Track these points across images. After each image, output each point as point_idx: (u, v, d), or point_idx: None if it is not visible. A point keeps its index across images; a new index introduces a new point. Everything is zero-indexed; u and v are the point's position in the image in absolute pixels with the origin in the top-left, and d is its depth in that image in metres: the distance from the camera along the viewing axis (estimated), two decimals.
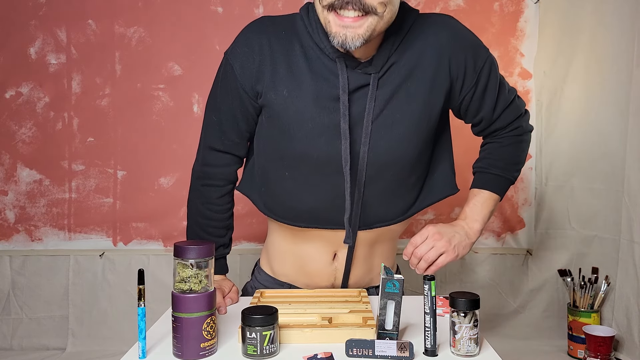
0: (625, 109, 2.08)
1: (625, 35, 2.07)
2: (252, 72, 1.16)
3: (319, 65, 1.14)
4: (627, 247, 2.08)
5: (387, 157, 1.17)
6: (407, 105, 1.15)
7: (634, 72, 2.04)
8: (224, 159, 1.27)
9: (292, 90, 1.14)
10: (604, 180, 2.17)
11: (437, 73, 1.16)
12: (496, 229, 2.25)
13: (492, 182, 1.27)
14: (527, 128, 1.31)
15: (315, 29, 1.14)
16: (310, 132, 1.14)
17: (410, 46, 1.15)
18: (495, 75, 1.24)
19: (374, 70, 1.13)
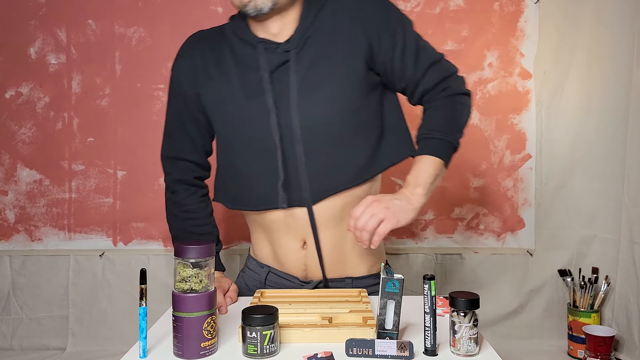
0: (625, 109, 2.08)
1: (626, 35, 2.07)
2: (190, 76, 1.31)
3: (244, 57, 1.26)
4: (627, 247, 2.08)
5: (319, 123, 1.22)
6: (328, 70, 1.22)
7: (634, 72, 2.04)
8: (180, 166, 1.37)
9: (223, 84, 1.26)
10: (604, 180, 2.17)
11: (352, 37, 1.22)
12: (496, 229, 2.25)
13: (431, 146, 1.24)
14: (458, 89, 1.29)
15: (238, 26, 1.29)
16: (245, 117, 1.24)
17: (323, 19, 1.24)
18: (411, 34, 1.27)
19: (292, 47, 1.22)
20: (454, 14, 2.19)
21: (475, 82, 2.21)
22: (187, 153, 1.36)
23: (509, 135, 2.23)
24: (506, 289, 2.24)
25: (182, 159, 1.36)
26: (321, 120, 1.22)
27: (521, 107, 2.22)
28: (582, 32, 2.17)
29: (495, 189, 2.24)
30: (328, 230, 1.29)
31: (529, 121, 2.23)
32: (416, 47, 1.26)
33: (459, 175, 2.24)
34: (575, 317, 2.14)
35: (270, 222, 1.32)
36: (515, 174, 2.24)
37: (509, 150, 2.23)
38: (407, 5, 2.18)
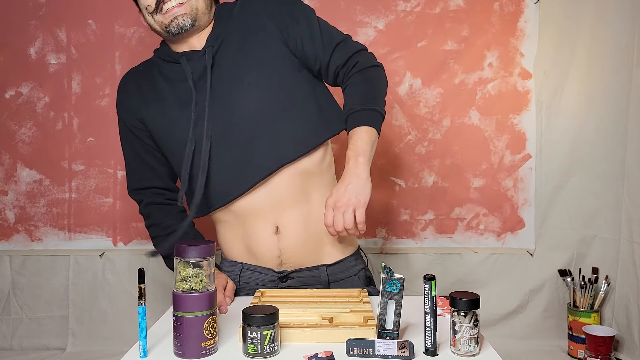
0: (625, 109, 2.08)
1: (626, 35, 2.08)
2: (131, 108, 1.40)
3: (172, 73, 1.36)
4: (627, 247, 2.08)
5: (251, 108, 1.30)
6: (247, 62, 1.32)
7: (634, 72, 2.04)
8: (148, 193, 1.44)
9: (159, 103, 1.36)
10: (604, 180, 2.17)
11: (264, 28, 1.34)
12: (496, 229, 2.26)
13: (358, 118, 1.29)
14: (368, 62, 1.36)
15: (162, 51, 1.40)
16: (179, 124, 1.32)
17: (235, 21, 1.36)
18: (314, 20, 1.37)
19: (208, 50, 1.33)
20: (454, 14, 2.19)
21: (475, 82, 2.21)
22: (150, 182, 1.43)
23: (509, 135, 2.23)
24: (506, 289, 2.24)
25: (147, 187, 1.44)
26: (252, 104, 1.30)
27: (521, 107, 2.22)
28: (582, 32, 2.17)
29: (495, 189, 2.24)
30: (296, 210, 1.34)
31: (529, 121, 2.23)
32: (321, 30, 1.36)
33: (459, 175, 2.24)
34: (575, 317, 2.14)
35: (240, 213, 1.36)
36: (515, 174, 2.24)
37: (509, 150, 2.23)
38: (407, 6, 2.18)
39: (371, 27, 2.18)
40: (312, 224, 1.36)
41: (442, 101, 2.21)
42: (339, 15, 2.16)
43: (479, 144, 2.23)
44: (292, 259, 1.38)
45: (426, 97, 2.21)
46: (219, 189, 1.34)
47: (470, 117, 2.22)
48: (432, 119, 2.21)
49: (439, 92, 2.21)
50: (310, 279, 1.40)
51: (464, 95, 2.21)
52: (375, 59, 1.39)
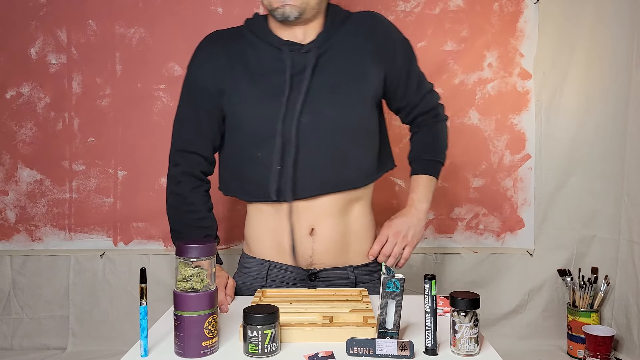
0: (625, 109, 2.09)
1: (625, 36, 2.08)
2: (212, 73, 1.35)
3: (268, 58, 1.33)
4: (627, 247, 2.09)
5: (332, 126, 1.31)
6: (344, 78, 1.32)
7: (634, 73, 2.04)
8: (191, 159, 1.40)
9: (249, 83, 1.32)
10: (603, 180, 2.18)
11: (369, 55, 1.35)
12: (496, 229, 2.26)
13: (427, 166, 1.46)
14: (443, 117, 1.51)
15: (261, 29, 1.35)
16: (264, 114, 1.31)
17: (347, 33, 1.35)
18: (416, 64, 1.44)
19: (314, 49, 1.32)
20: (453, 14, 2.19)
21: (475, 82, 2.21)
22: (198, 147, 1.40)
23: (509, 135, 2.23)
24: (506, 288, 2.25)
25: (192, 152, 1.40)
26: (334, 123, 1.31)
27: (521, 108, 2.23)
28: (582, 33, 2.17)
29: (495, 189, 2.24)
30: (334, 218, 1.37)
31: (528, 121, 2.23)
32: (419, 75, 1.45)
33: (459, 175, 2.24)
34: (574, 317, 2.14)
35: (280, 212, 1.36)
36: (514, 174, 2.24)
37: (508, 150, 2.24)
38: (407, 6, 2.19)
39: None
40: (347, 231, 1.39)
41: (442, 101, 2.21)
42: None
43: (478, 144, 2.23)
44: (323, 259, 1.38)
45: None
46: (270, 185, 1.33)
47: (470, 117, 2.22)
48: None
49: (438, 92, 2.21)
50: (337, 279, 1.41)
51: (464, 96, 2.21)
52: (444, 110, 1.53)
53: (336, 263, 1.41)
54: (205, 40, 1.41)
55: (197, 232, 1.40)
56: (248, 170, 1.36)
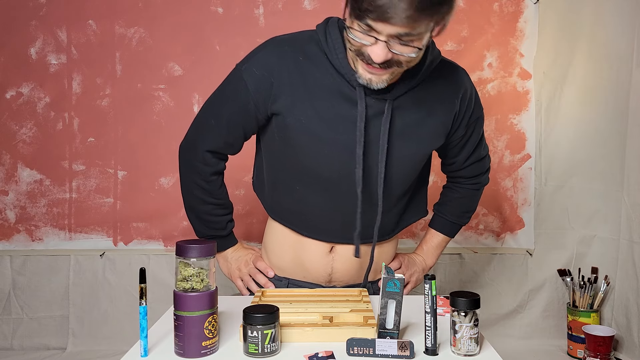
0: (625, 109, 2.09)
1: (625, 36, 2.08)
2: (268, 93, 1.20)
3: (337, 90, 1.18)
4: (627, 247, 2.09)
5: (396, 180, 1.27)
6: (416, 136, 1.25)
7: (634, 72, 2.04)
8: (221, 161, 1.35)
9: (311, 113, 1.19)
10: (603, 180, 2.18)
11: (445, 114, 1.27)
12: (496, 229, 2.26)
13: (447, 227, 1.50)
14: (484, 183, 1.49)
15: (335, 55, 1.17)
16: (325, 153, 1.21)
17: (427, 85, 1.23)
18: (478, 132, 1.38)
19: (390, 98, 1.19)
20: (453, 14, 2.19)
21: (474, 82, 2.20)
22: (230, 150, 1.35)
23: (509, 135, 2.23)
24: (506, 288, 2.25)
25: (221, 153, 1.34)
26: (401, 178, 1.29)
27: (521, 108, 2.23)
28: (582, 33, 2.17)
29: (495, 189, 2.24)
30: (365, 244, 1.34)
31: (528, 121, 2.23)
32: (477, 143, 1.39)
33: None
34: (574, 317, 2.14)
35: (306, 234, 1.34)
36: (514, 174, 2.24)
37: (508, 150, 2.24)
38: None
39: None
40: (367, 251, 1.35)
41: None
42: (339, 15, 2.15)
43: None
44: (342, 277, 1.38)
45: None
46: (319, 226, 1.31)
47: None
48: None
49: None
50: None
51: None
52: (488, 177, 1.50)
53: (355, 280, 1.39)
54: (271, 51, 1.22)
55: (217, 219, 1.39)
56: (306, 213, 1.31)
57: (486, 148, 1.45)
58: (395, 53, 1.03)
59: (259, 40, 2.22)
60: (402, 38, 1.01)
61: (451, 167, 1.43)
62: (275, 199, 1.35)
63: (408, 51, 1.03)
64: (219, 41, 2.18)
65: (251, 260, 1.41)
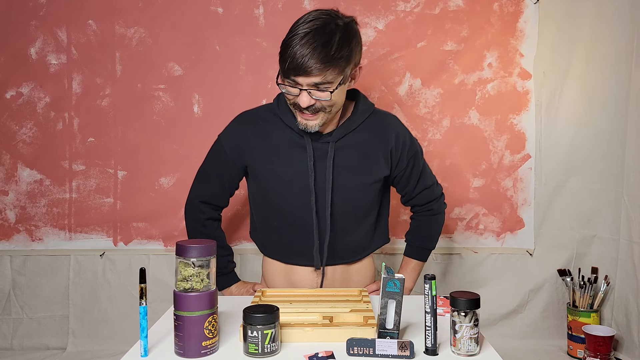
0: (625, 109, 2.09)
1: (625, 36, 2.08)
2: (240, 151, 1.56)
3: (289, 140, 1.52)
4: (627, 247, 2.09)
5: (344, 205, 1.54)
6: (358, 169, 1.53)
7: (633, 73, 2.05)
8: (213, 209, 1.68)
9: (273, 160, 1.53)
10: (603, 180, 2.18)
11: (382, 150, 1.56)
12: (496, 229, 2.26)
13: (416, 252, 1.73)
14: (438, 210, 1.73)
15: (285, 115, 1.52)
16: (288, 190, 1.53)
17: (363, 129, 1.55)
18: (419, 165, 1.65)
19: (332, 140, 1.51)
20: (453, 14, 2.19)
21: (474, 82, 2.21)
22: (219, 200, 1.68)
23: (509, 135, 2.23)
24: (506, 288, 2.25)
25: (212, 204, 1.67)
26: (351, 204, 1.55)
27: (521, 108, 2.23)
28: (582, 33, 2.17)
29: (495, 189, 2.25)
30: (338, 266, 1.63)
31: (528, 121, 2.23)
32: (421, 174, 1.66)
33: (459, 175, 2.24)
34: (574, 317, 2.14)
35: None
36: (514, 174, 2.24)
37: (508, 150, 2.24)
38: (407, 6, 2.19)
39: (371, 28, 2.19)
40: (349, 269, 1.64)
41: (442, 101, 2.21)
42: None
43: (478, 144, 2.23)
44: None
45: (426, 97, 2.21)
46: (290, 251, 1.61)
47: (469, 118, 2.22)
48: (431, 119, 2.22)
49: (438, 93, 2.21)
50: None
51: (464, 96, 2.21)
52: (443, 202, 1.74)
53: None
54: (239, 121, 1.61)
55: (221, 260, 1.66)
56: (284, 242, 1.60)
57: (432, 178, 1.71)
58: (316, 99, 1.38)
59: (258, 40, 2.24)
60: (319, 86, 1.36)
61: (405, 197, 1.70)
62: (262, 235, 1.66)
63: (324, 96, 1.38)
64: (219, 41, 2.18)
65: (252, 287, 1.66)
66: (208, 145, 1.64)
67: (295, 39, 1.34)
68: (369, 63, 2.19)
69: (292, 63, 1.34)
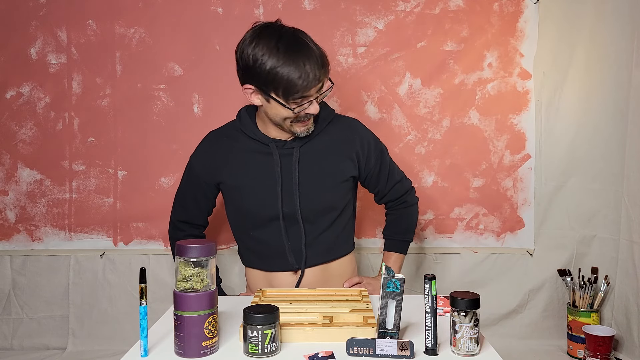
0: (625, 109, 2.09)
1: (625, 36, 2.08)
2: (210, 169, 1.63)
3: (254, 150, 1.58)
4: (627, 247, 2.09)
5: (313, 207, 1.58)
6: (323, 170, 1.58)
7: (633, 73, 2.05)
8: (191, 227, 1.76)
9: (241, 172, 1.59)
10: (603, 180, 2.18)
11: (347, 150, 1.61)
12: (496, 229, 2.26)
13: (395, 245, 1.77)
14: (411, 201, 1.78)
15: (248, 128, 1.59)
16: (258, 197, 1.58)
17: (326, 132, 1.60)
18: (386, 161, 1.70)
19: (297, 146, 1.57)
20: (453, 14, 2.19)
21: (474, 82, 2.21)
22: (197, 219, 1.75)
23: (509, 135, 2.23)
24: (506, 288, 2.25)
25: (191, 223, 1.74)
26: (315, 207, 1.59)
27: (521, 108, 2.23)
28: (582, 33, 2.17)
29: (495, 189, 2.25)
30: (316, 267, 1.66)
31: (528, 121, 2.23)
32: (389, 170, 1.71)
33: (459, 175, 2.24)
34: (574, 317, 2.14)
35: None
36: (514, 174, 2.25)
37: (508, 150, 2.24)
38: (407, 6, 2.19)
39: (371, 28, 2.19)
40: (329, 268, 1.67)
41: (442, 101, 2.21)
42: (339, 15, 2.16)
43: (478, 144, 2.23)
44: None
45: (426, 97, 2.21)
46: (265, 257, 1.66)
47: (469, 117, 2.22)
48: (431, 119, 2.22)
49: (438, 93, 2.21)
50: None
51: (464, 96, 2.21)
52: (414, 194, 1.79)
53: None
54: (205, 139, 1.69)
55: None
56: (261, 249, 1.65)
57: (400, 173, 1.76)
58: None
59: None
60: (321, 90, 1.46)
61: (378, 196, 1.75)
62: (242, 247, 1.72)
63: (321, 98, 1.48)
64: (219, 41, 2.18)
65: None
66: None
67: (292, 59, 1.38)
68: (369, 63, 2.19)
69: (306, 80, 1.39)
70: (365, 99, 2.21)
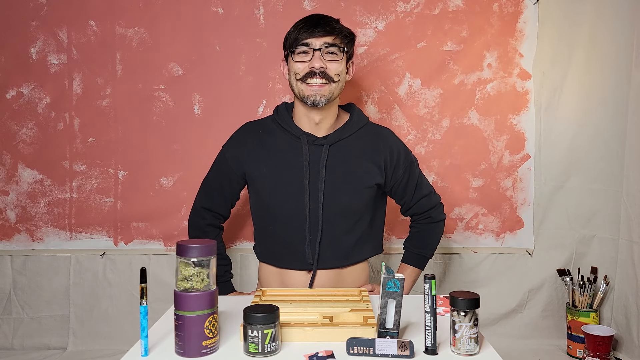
0: (624, 109, 2.09)
1: (624, 36, 2.08)
2: (240, 160, 1.67)
3: (287, 144, 1.63)
4: (626, 246, 2.09)
5: (336, 206, 1.60)
6: (351, 172, 1.60)
7: (633, 73, 2.05)
8: (214, 216, 1.78)
9: (270, 164, 1.62)
10: (603, 180, 2.18)
11: (375, 157, 1.64)
12: (495, 229, 2.26)
13: (413, 259, 1.77)
14: (437, 218, 1.78)
15: (284, 121, 1.64)
16: (283, 191, 1.61)
17: (357, 137, 1.64)
18: (415, 174, 1.71)
19: (327, 143, 1.60)
20: (453, 14, 2.20)
21: (474, 82, 2.22)
22: (221, 209, 1.78)
23: (508, 135, 2.23)
24: (505, 288, 2.25)
25: (215, 211, 1.77)
26: (337, 206, 1.60)
27: (520, 108, 2.23)
28: (581, 33, 2.18)
29: (495, 189, 2.25)
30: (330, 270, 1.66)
31: (528, 121, 2.23)
32: (417, 183, 1.72)
33: (459, 175, 2.24)
34: (574, 317, 2.15)
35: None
36: (514, 174, 2.25)
37: (508, 150, 2.24)
38: (407, 6, 2.19)
39: (371, 28, 2.19)
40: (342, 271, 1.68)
41: (442, 101, 2.22)
42: (338, 16, 2.13)
43: (478, 144, 2.24)
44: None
45: (425, 97, 2.21)
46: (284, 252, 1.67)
47: (469, 118, 2.23)
48: (431, 120, 2.22)
49: (438, 93, 2.22)
50: None
51: (463, 96, 2.22)
52: (442, 211, 1.80)
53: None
54: (239, 129, 1.73)
55: (218, 268, 1.71)
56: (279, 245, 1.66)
57: (429, 187, 1.77)
58: (327, 60, 1.52)
59: (259, 40, 2.25)
60: (330, 48, 1.52)
61: (404, 207, 1.76)
62: (261, 243, 1.73)
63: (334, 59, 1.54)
64: (219, 41, 2.18)
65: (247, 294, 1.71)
66: (208, 145, 1.65)
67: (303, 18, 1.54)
68: (368, 63, 2.19)
69: (308, 24, 1.52)
70: (365, 99, 2.21)
